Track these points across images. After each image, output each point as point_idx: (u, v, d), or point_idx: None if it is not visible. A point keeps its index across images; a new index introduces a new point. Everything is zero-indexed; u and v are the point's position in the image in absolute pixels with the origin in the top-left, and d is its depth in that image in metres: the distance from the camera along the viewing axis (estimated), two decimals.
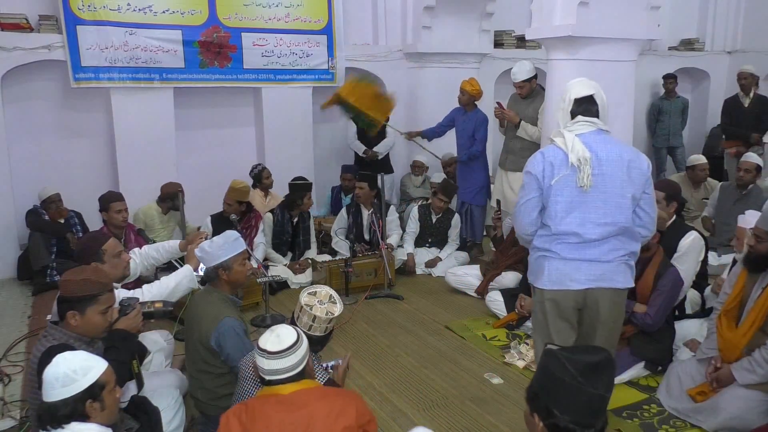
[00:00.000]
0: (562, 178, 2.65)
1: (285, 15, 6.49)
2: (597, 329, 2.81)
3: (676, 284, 3.57)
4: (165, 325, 4.15)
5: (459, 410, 3.38)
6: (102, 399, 1.94)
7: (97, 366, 1.96)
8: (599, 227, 2.66)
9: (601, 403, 1.52)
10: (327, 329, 2.51)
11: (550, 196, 2.68)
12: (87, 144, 6.12)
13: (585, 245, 2.68)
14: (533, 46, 7.46)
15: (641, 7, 4.66)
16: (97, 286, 2.38)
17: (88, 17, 5.59)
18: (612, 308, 2.77)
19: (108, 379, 1.97)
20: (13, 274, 5.54)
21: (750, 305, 3.11)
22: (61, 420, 1.88)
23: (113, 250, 2.98)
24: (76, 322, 2.37)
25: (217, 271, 2.94)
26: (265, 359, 2.04)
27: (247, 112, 6.84)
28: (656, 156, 8.59)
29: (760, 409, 2.95)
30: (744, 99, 7.08)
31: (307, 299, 2.51)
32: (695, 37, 8.83)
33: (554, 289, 2.75)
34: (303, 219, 5.60)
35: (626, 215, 2.68)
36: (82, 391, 1.89)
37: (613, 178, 2.65)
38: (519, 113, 5.36)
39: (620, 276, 2.74)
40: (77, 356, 1.96)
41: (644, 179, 2.69)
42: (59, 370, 1.90)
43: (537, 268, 2.83)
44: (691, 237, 3.96)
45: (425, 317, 4.71)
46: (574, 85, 2.81)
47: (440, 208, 5.77)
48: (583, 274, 2.70)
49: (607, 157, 2.65)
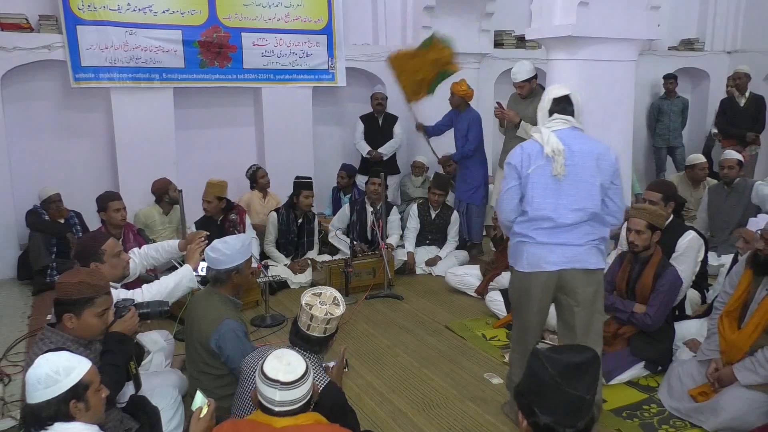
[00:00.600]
0: (537, 167, 2.89)
1: (285, 15, 6.49)
2: (575, 312, 2.96)
3: (674, 284, 3.57)
4: (165, 325, 4.15)
5: (459, 410, 3.38)
6: (86, 399, 1.92)
7: (80, 366, 1.93)
8: (572, 212, 2.89)
9: (580, 404, 1.50)
10: (326, 330, 2.48)
11: (528, 183, 2.92)
12: (87, 144, 6.12)
13: (559, 230, 2.90)
14: (533, 46, 7.46)
15: (641, 7, 4.66)
16: (93, 289, 2.37)
17: (88, 17, 5.59)
18: (586, 288, 2.94)
19: (92, 379, 1.95)
20: (13, 274, 5.53)
21: (754, 307, 3.10)
22: (45, 421, 1.86)
23: (112, 250, 2.98)
24: (73, 324, 2.35)
25: (230, 274, 2.95)
26: (277, 390, 1.92)
27: (247, 112, 6.84)
28: (656, 156, 8.60)
29: (761, 409, 2.95)
30: (740, 98, 7.10)
31: (309, 299, 2.50)
32: (695, 37, 8.84)
33: (531, 271, 2.96)
34: (308, 220, 5.60)
35: (595, 202, 2.90)
36: (65, 391, 1.87)
37: (584, 168, 2.89)
38: (519, 113, 5.36)
39: (592, 258, 2.94)
40: (60, 357, 1.94)
41: (612, 170, 2.93)
42: (41, 371, 1.88)
43: (516, 253, 3.05)
44: (689, 237, 3.96)
45: (425, 317, 4.71)
46: (553, 87, 3.12)
47: (437, 202, 5.78)
48: (557, 256, 2.91)
49: (579, 150, 2.89)
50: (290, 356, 2.01)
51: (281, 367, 1.95)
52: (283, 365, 1.96)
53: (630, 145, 5.04)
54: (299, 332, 2.47)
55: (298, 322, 2.49)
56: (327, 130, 7.21)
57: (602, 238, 2.99)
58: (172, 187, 5.53)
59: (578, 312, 2.96)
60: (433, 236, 5.91)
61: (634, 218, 3.55)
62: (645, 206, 3.67)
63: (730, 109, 7.10)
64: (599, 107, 4.65)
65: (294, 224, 5.54)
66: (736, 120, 7.00)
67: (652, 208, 3.63)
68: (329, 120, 7.10)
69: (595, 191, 2.89)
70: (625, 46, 4.67)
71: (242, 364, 2.56)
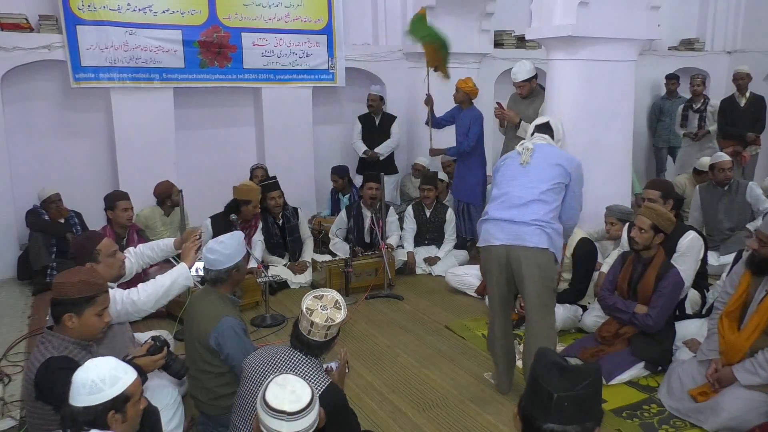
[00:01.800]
0: (508, 159, 3.54)
1: (285, 15, 6.49)
2: (524, 283, 3.29)
3: (676, 286, 3.57)
4: (165, 325, 4.16)
5: (459, 410, 3.39)
6: (125, 411, 1.92)
7: (125, 377, 1.93)
8: (525, 189, 3.33)
9: (548, 401, 1.52)
10: (327, 335, 2.44)
11: (499, 172, 3.54)
12: (87, 144, 6.12)
13: (511, 206, 3.31)
14: (533, 46, 7.45)
15: (641, 7, 4.66)
16: (94, 287, 2.36)
17: (88, 17, 5.59)
18: (528, 264, 3.25)
19: (134, 392, 1.95)
20: (13, 274, 5.53)
21: (753, 308, 3.10)
22: (81, 425, 1.87)
23: (108, 250, 2.95)
24: (73, 324, 2.33)
25: (230, 273, 2.96)
26: (284, 422, 1.78)
27: (247, 112, 6.84)
28: (657, 156, 8.60)
29: (761, 409, 2.95)
30: (740, 99, 7.10)
31: (310, 303, 2.44)
32: (695, 37, 8.84)
33: (484, 245, 3.43)
34: (288, 218, 5.54)
35: (545, 188, 3.31)
36: (107, 401, 1.87)
37: (545, 162, 3.39)
38: (519, 113, 5.36)
39: (534, 237, 3.25)
40: (107, 364, 1.93)
41: (566, 173, 3.37)
42: (88, 376, 1.88)
43: (479, 231, 3.52)
44: (689, 237, 3.96)
45: (425, 317, 4.71)
46: (537, 119, 3.77)
47: (429, 199, 5.78)
48: (503, 233, 3.31)
49: (546, 152, 3.44)
50: (294, 383, 1.87)
51: (285, 395, 1.82)
52: (287, 393, 1.82)
53: (630, 144, 5.04)
54: (300, 336, 2.44)
55: (299, 325, 2.47)
56: (327, 130, 7.21)
57: (547, 223, 3.26)
58: (174, 190, 5.52)
59: (526, 285, 3.28)
60: (431, 236, 5.91)
61: (641, 215, 3.57)
62: (656, 207, 3.67)
63: (731, 109, 7.10)
64: (599, 107, 4.65)
65: (274, 227, 5.50)
66: (736, 120, 7.00)
67: (663, 210, 3.63)
68: (329, 120, 7.10)
69: (548, 179, 3.32)
70: (625, 46, 4.67)
71: (244, 364, 2.54)
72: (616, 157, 4.82)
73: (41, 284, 5.13)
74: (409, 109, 7.24)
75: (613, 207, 4.50)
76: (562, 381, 1.53)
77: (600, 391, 1.63)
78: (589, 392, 1.54)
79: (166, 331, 3.80)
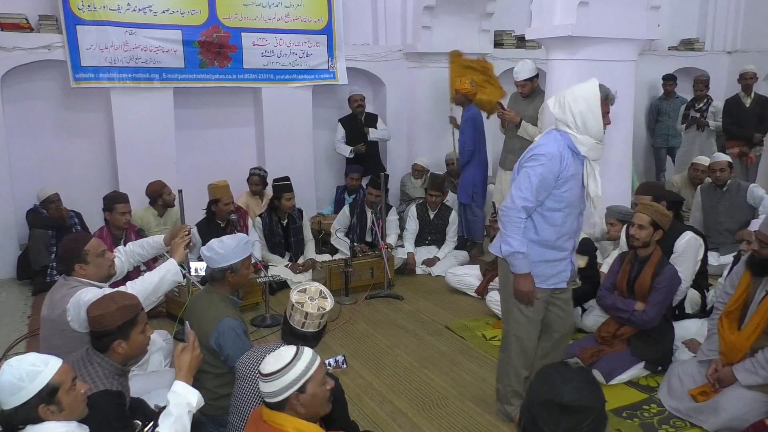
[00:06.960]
0: None
1: (285, 15, 6.48)
2: None
3: (672, 281, 3.57)
4: (164, 325, 4.16)
5: (459, 410, 3.38)
6: (58, 401, 1.88)
7: (47, 369, 1.88)
8: None
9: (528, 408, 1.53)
10: (320, 324, 2.51)
11: None
12: (87, 144, 6.12)
13: None
14: (533, 46, 7.45)
15: (641, 7, 4.66)
16: (132, 309, 2.35)
17: (88, 17, 5.59)
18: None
19: (62, 380, 1.89)
20: (13, 274, 5.53)
21: (753, 308, 3.10)
22: (17, 426, 1.86)
23: (96, 250, 2.91)
24: (123, 349, 2.32)
25: (224, 273, 2.96)
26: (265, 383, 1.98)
27: (247, 112, 6.84)
28: (656, 156, 8.60)
29: (761, 409, 2.95)
30: (745, 99, 7.09)
31: (298, 297, 2.51)
32: (695, 37, 8.84)
33: None
34: (293, 219, 5.56)
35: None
36: (31, 398, 1.84)
37: None
38: (520, 113, 5.36)
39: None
40: (24, 362, 1.88)
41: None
42: (5, 378, 1.84)
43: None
44: (686, 237, 3.97)
45: (425, 317, 4.71)
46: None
47: (435, 203, 5.80)
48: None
49: None
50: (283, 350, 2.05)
51: (270, 359, 2.02)
52: (273, 358, 2.02)
53: (630, 145, 5.04)
54: (294, 331, 2.48)
55: (290, 321, 2.50)
56: (327, 130, 7.21)
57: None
58: (166, 190, 5.52)
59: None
60: (433, 236, 5.92)
61: (639, 213, 3.57)
62: (653, 203, 3.67)
63: (736, 109, 7.09)
64: None
65: (278, 226, 5.50)
66: (741, 120, 6.99)
67: (660, 206, 3.64)
68: (329, 120, 7.10)
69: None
70: (624, 46, 4.67)
71: (237, 364, 2.56)
72: (616, 157, 4.81)
73: (41, 284, 5.13)
74: (409, 109, 7.23)
75: (613, 208, 4.50)
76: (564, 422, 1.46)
77: (605, 423, 1.55)
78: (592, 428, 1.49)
79: (165, 331, 3.80)
